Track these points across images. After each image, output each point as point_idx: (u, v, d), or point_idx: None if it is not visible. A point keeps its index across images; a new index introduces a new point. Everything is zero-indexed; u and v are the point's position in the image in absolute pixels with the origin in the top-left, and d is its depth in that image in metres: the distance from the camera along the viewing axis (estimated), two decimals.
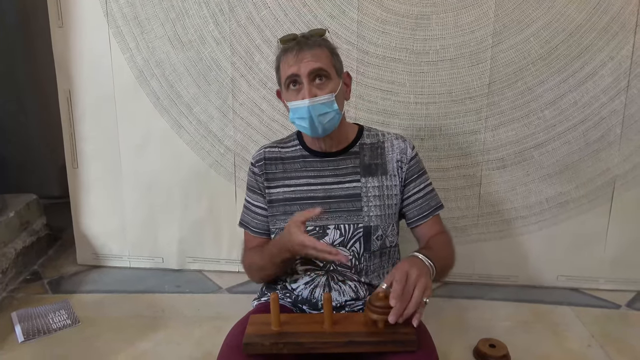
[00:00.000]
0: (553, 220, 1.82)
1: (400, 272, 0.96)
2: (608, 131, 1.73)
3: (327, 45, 1.16)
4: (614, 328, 1.61)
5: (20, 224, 2.04)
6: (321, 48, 1.14)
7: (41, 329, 1.58)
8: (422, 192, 1.23)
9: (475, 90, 1.73)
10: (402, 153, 1.21)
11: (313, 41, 1.14)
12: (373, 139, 1.24)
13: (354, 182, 1.20)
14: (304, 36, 1.15)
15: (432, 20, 1.68)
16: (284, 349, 0.97)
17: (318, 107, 1.11)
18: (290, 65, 1.12)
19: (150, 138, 1.90)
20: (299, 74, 1.11)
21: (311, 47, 1.12)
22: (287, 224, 1.09)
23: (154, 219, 1.98)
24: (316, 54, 1.12)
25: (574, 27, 1.65)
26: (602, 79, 1.68)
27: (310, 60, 1.11)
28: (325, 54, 1.14)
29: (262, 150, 1.26)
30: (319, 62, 1.11)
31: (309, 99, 1.10)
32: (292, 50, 1.12)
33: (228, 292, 1.87)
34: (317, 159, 1.21)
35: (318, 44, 1.14)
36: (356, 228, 1.18)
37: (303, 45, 1.12)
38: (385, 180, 1.20)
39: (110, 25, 1.81)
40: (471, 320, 1.65)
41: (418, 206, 1.23)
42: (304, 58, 1.11)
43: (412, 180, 1.22)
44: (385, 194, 1.20)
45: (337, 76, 1.16)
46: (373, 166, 1.21)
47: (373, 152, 1.22)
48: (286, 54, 1.14)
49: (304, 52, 1.11)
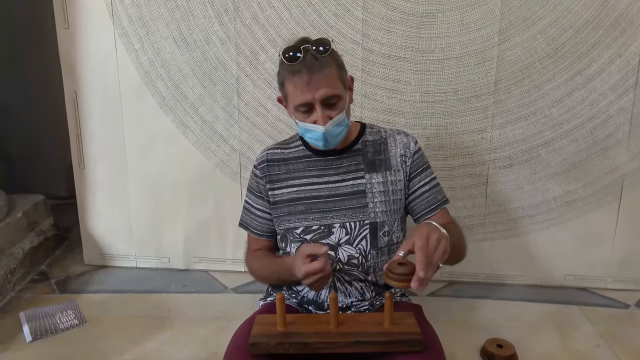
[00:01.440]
0: (560, 219, 1.80)
1: (421, 239, 0.90)
2: (616, 129, 1.71)
3: (335, 61, 1.10)
4: (622, 328, 1.60)
5: (27, 224, 2.05)
6: (330, 67, 1.08)
7: (49, 329, 1.59)
8: (427, 186, 1.22)
9: (482, 88, 1.72)
10: (406, 147, 1.21)
11: (321, 61, 1.06)
12: (375, 135, 1.24)
13: (358, 179, 1.19)
14: (312, 55, 1.06)
15: (437, 18, 1.67)
16: (290, 349, 0.97)
17: (333, 129, 1.10)
18: (302, 92, 1.07)
19: (156, 138, 1.90)
20: (313, 102, 1.07)
21: (321, 69, 1.06)
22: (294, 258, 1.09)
23: (160, 219, 1.98)
24: (328, 77, 1.07)
25: (581, 24, 1.64)
26: (610, 76, 1.67)
27: (323, 87, 1.06)
28: (334, 74, 1.09)
29: (265, 153, 1.26)
30: (331, 88, 1.07)
31: (324, 126, 1.08)
32: (301, 75, 1.06)
33: (234, 291, 1.87)
34: (320, 158, 1.20)
35: (327, 63, 1.07)
36: (362, 225, 1.18)
37: (313, 70, 1.05)
38: (389, 176, 1.20)
39: (115, 26, 1.81)
40: (478, 320, 1.64)
41: (424, 200, 1.22)
42: (317, 85, 1.05)
43: (417, 174, 1.22)
44: (390, 190, 1.19)
45: (345, 90, 1.13)
46: (377, 162, 1.20)
47: (376, 149, 1.21)
48: (294, 77, 1.07)
49: (315, 77, 1.05)
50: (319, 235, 1.19)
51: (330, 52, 1.08)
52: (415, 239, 0.91)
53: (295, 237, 1.21)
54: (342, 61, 1.14)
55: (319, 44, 1.08)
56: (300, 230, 1.20)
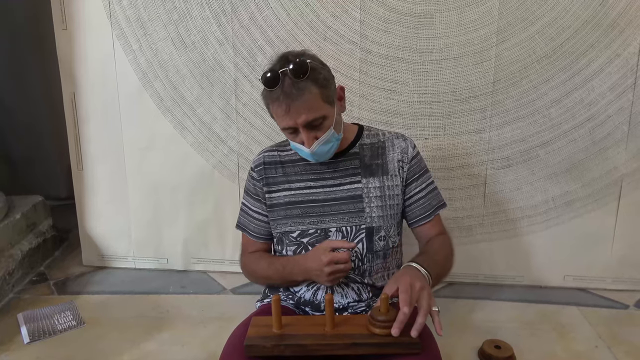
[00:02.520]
0: (559, 220, 1.80)
1: (404, 282, 0.96)
2: (615, 129, 1.70)
3: (316, 82, 1.05)
4: (621, 329, 1.59)
5: (26, 225, 2.05)
6: (310, 91, 1.04)
7: (47, 330, 1.59)
8: (424, 192, 1.22)
9: (480, 88, 1.71)
10: (403, 152, 1.20)
11: (299, 87, 1.03)
12: (373, 138, 1.23)
13: (355, 184, 1.19)
14: (290, 80, 1.03)
15: (435, 18, 1.67)
16: (286, 350, 0.97)
17: (320, 148, 1.10)
18: (284, 119, 1.06)
19: (154, 139, 1.90)
20: (295, 126, 1.07)
21: (300, 94, 1.03)
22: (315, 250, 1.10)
23: (158, 220, 1.99)
24: (307, 103, 1.04)
25: (580, 24, 1.63)
26: (608, 76, 1.66)
27: (304, 113, 1.04)
28: (315, 97, 1.04)
29: (262, 155, 1.25)
30: (312, 113, 1.05)
31: (310, 148, 1.08)
32: (280, 103, 1.04)
33: (232, 292, 1.87)
34: (317, 163, 1.20)
35: (306, 88, 1.03)
36: (358, 229, 1.18)
37: (292, 98, 1.03)
38: (386, 180, 1.19)
39: (113, 27, 1.81)
40: (476, 321, 1.64)
41: (420, 206, 1.22)
42: (296, 112, 1.04)
43: (414, 179, 1.21)
44: (386, 194, 1.19)
45: (332, 106, 1.10)
46: (374, 166, 1.20)
47: (373, 152, 1.21)
48: (274, 104, 1.06)
49: (295, 104, 1.03)
50: (315, 239, 1.19)
51: (309, 74, 1.03)
52: (398, 282, 0.97)
53: (291, 241, 1.21)
54: (325, 77, 1.08)
55: (296, 69, 1.03)
56: (296, 234, 1.20)
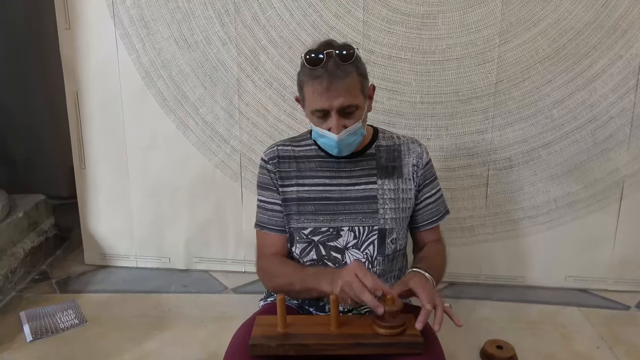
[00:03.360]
0: (561, 221, 1.80)
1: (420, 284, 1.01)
2: (617, 130, 1.71)
3: (357, 69, 1.07)
4: (623, 329, 1.60)
5: (28, 224, 2.06)
6: (351, 76, 1.05)
7: (49, 329, 1.59)
8: (433, 197, 1.23)
9: (482, 89, 1.72)
10: (419, 158, 1.21)
11: (343, 69, 1.04)
12: (389, 141, 1.23)
13: (371, 184, 1.19)
14: (335, 61, 1.04)
15: (438, 19, 1.67)
16: (290, 350, 0.97)
17: (346, 138, 1.10)
18: (320, 98, 1.05)
19: (157, 139, 1.91)
20: (330, 109, 1.06)
21: (342, 77, 1.03)
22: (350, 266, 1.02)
23: (160, 220, 1.99)
24: (348, 86, 1.04)
25: (582, 25, 1.64)
26: (610, 77, 1.67)
27: (342, 95, 1.04)
28: (355, 83, 1.06)
29: (275, 148, 1.22)
30: (350, 97, 1.05)
31: (337, 135, 1.08)
32: (321, 81, 1.03)
33: (234, 292, 1.87)
34: (333, 160, 1.19)
35: (349, 71, 1.04)
36: (371, 230, 1.18)
37: (334, 77, 1.03)
38: (401, 184, 1.20)
39: (117, 27, 1.81)
40: (478, 321, 1.64)
41: (429, 211, 1.23)
42: (336, 93, 1.03)
43: (426, 185, 1.22)
44: (400, 197, 1.19)
45: (365, 99, 1.10)
46: (390, 168, 1.20)
47: (389, 155, 1.21)
48: (314, 82, 1.05)
49: (336, 85, 1.03)
50: (327, 237, 1.18)
51: (353, 60, 1.05)
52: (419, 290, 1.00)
53: (302, 238, 1.19)
54: (365, 69, 1.11)
55: (343, 50, 1.05)
56: (308, 231, 1.19)
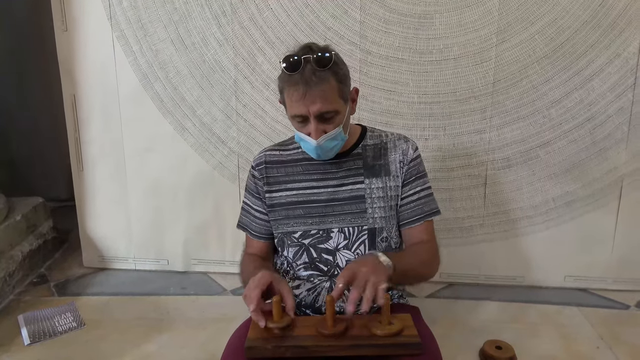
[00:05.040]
0: (560, 220, 1.80)
1: (347, 271, 0.97)
2: (615, 129, 1.70)
3: (335, 75, 1.06)
4: (622, 329, 1.59)
5: (27, 226, 2.05)
6: (329, 83, 1.05)
7: (47, 332, 1.59)
8: (416, 196, 1.20)
9: (480, 89, 1.71)
10: (404, 154, 1.20)
11: (320, 76, 1.03)
12: (376, 139, 1.23)
13: (358, 184, 1.19)
14: (312, 67, 1.04)
15: (435, 19, 1.67)
16: (287, 352, 0.97)
17: (326, 144, 1.10)
18: (297, 105, 1.05)
19: (155, 141, 1.90)
20: (307, 115, 1.06)
21: (319, 83, 1.03)
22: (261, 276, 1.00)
23: (159, 222, 1.98)
24: (324, 93, 1.04)
25: (580, 24, 1.63)
26: (608, 76, 1.66)
27: (319, 102, 1.04)
28: (333, 89, 1.05)
29: (263, 154, 1.25)
30: (327, 104, 1.05)
31: (316, 140, 1.08)
32: (298, 87, 1.04)
33: (232, 293, 1.87)
34: (319, 162, 1.19)
35: (326, 78, 1.04)
36: (361, 230, 1.17)
37: (310, 84, 1.03)
38: (388, 181, 1.19)
39: (114, 29, 1.81)
40: (477, 322, 1.64)
41: (410, 209, 1.20)
42: (312, 99, 1.04)
43: (410, 182, 1.20)
44: (388, 195, 1.19)
45: (345, 103, 1.10)
46: (377, 167, 1.20)
47: (376, 153, 1.21)
48: (291, 88, 1.06)
49: (312, 92, 1.03)
50: (317, 239, 1.18)
51: (331, 66, 1.05)
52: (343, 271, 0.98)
53: (293, 242, 1.20)
54: (345, 73, 1.10)
55: (320, 56, 1.04)
56: (298, 235, 1.20)
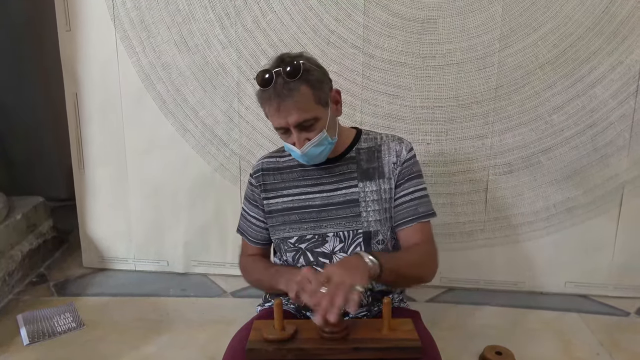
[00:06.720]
0: (561, 226, 1.80)
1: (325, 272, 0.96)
2: (617, 136, 1.70)
3: (308, 82, 1.06)
4: (623, 336, 1.59)
5: (27, 226, 2.05)
6: (301, 92, 1.05)
7: (46, 332, 1.59)
8: (409, 197, 1.19)
9: (482, 94, 1.72)
10: (397, 155, 1.19)
11: (291, 87, 1.04)
12: (370, 142, 1.22)
13: (352, 188, 1.19)
14: (283, 79, 1.04)
15: (438, 24, 1.67)
16: (288, 355, 0.97)
17: (312, 150, 1.11)
18: (275, 118, 1.07)
19: (156, 142, 1.90)
20: (287, 126, 1.07)
21: (291, 94, 1.04)
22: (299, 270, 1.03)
23: (159, 223, 1.98)
24: (298, 103, 1.04)
25: (583, 31, 1.64)
26: (611, 83, 1.67)
27: (295, 113, 1.05)
28: (307, 97, 1.05)
29: (261, 162, 1.27)
30: (303, 113, 1.05)
31: (301, 149, 1.09)
32: (272, 102, 1.05)
33: (232, 296, 1.86)
34: (313, 167, 1.20)
35: (297, 88, 1.04)
36: (356, 234, 1.18)
37: (283, 97, 1.04)
38: (382, 184, 1.19)
39: (117, 30, 1.82)
40: (477, 327, 1.64)
41: (403, 210, 1.18)
42: (287, 111, 1.05)
43: (403, 182, 1.19)
44: (383, 198, 1.19)
45: (325, 107, 1.10)
46: (370, 170, 1.19)
47: (370, 156, 1.20)
48: (266, 103, 1.08)
49: (286, 103, 1.04)
50: (313, 244, 1.18)
51: (301, 75, 1.04)
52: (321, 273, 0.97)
53: (289, 247, 1.21)
54: (318, 78, 1.08)
55: (288, 70, 1.04)
56: (294, 240, 1.20)
